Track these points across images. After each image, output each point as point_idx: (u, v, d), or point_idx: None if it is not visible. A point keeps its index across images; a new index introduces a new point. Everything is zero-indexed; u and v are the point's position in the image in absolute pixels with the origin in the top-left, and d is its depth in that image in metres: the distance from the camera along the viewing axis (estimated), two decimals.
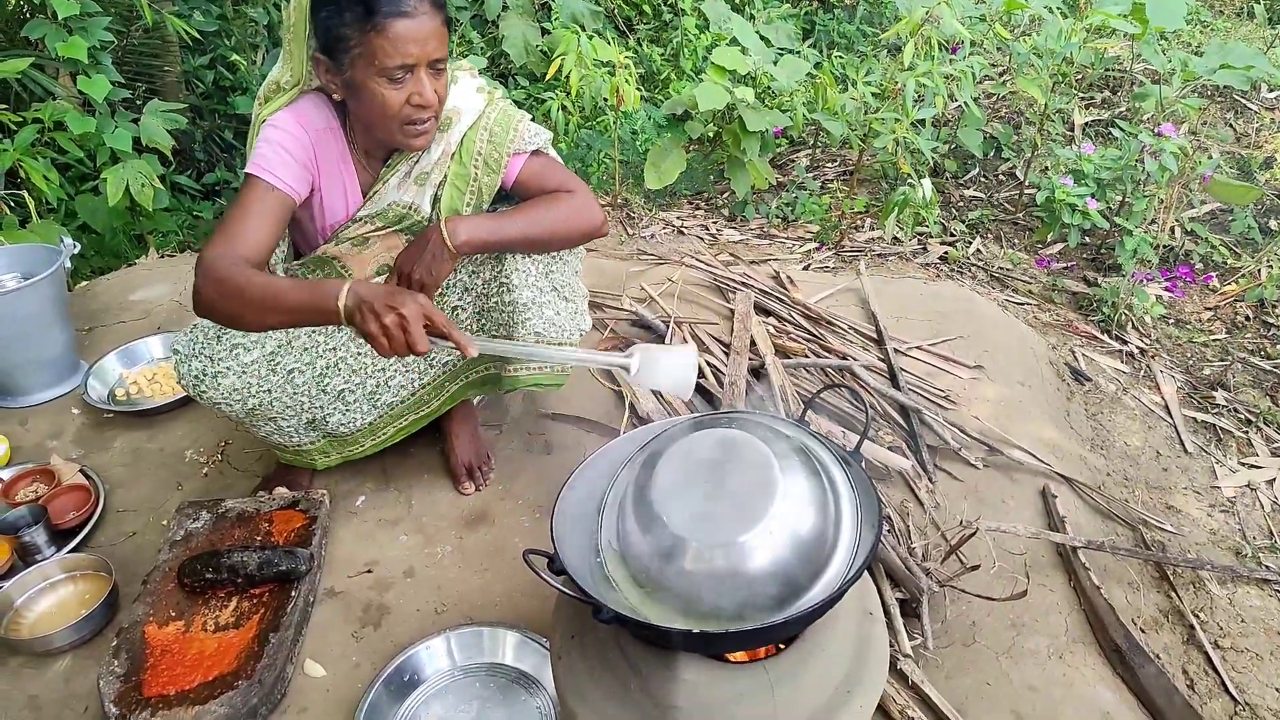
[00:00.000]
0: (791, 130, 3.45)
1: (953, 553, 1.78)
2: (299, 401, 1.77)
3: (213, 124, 4.30)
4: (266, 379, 1.70)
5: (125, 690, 1.51)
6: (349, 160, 1.71)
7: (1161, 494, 2.19)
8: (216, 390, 1.66)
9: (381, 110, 1.54)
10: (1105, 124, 3.78)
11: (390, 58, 1.48)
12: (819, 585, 1.16)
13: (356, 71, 1.51)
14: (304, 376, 1.75)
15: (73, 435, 2.24)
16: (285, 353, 1.72)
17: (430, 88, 1.54)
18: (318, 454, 1.90)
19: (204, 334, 1.67)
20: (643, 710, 1.22)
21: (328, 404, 1.81)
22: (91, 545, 1.92)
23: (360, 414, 1.86)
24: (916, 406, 2.18)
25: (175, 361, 1.68)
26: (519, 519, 1.94)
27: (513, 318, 1.79)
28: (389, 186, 1.71)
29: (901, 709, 1.51)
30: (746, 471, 1.19)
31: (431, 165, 1.70)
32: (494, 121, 1.72)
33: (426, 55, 1.51)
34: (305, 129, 1.63)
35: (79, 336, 2.53)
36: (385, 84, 1.51)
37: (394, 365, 1.85)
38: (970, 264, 3.10)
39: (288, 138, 1.60)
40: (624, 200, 3.42)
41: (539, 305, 1.80)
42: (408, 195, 1.72)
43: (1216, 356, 2.71)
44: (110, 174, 2.81)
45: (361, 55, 1.49)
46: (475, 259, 1.77)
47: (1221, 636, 1.81)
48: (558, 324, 1.85)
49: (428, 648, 1.62)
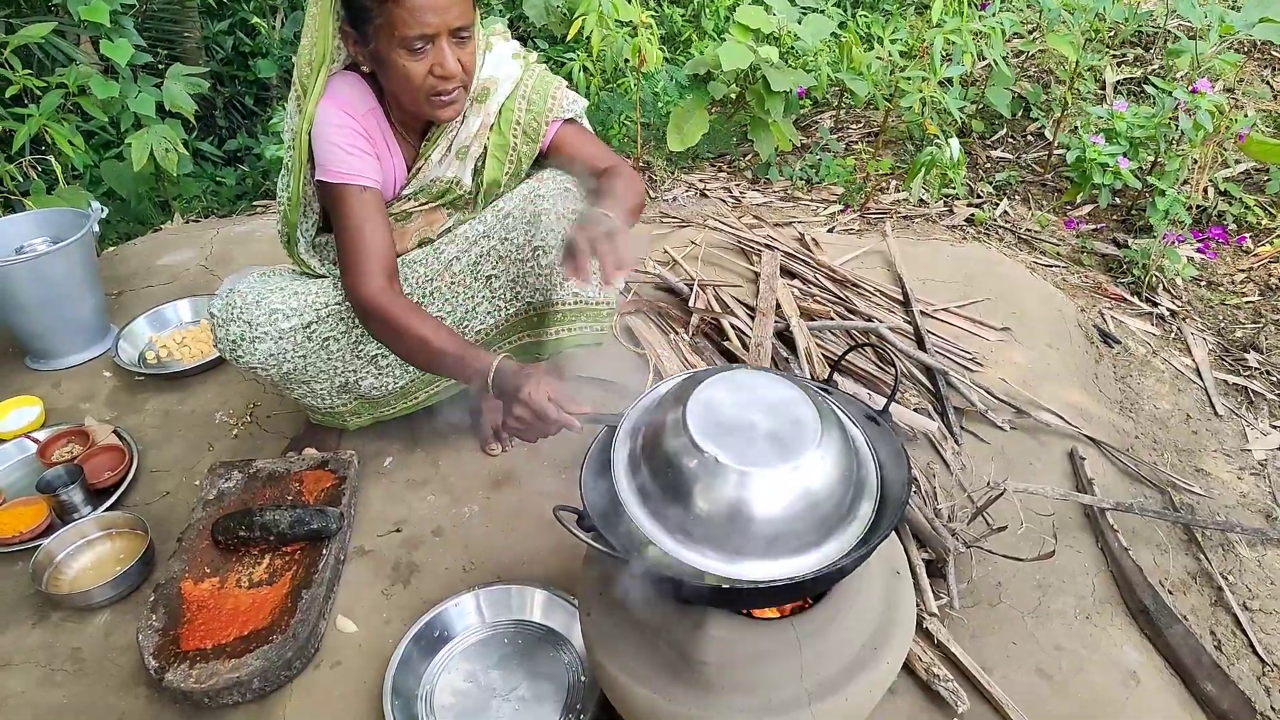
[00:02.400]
0: (816, 91, 3.39)
1: (979, 514, 1.78)
2: (333, 366, 1.77)
3: (233, 90, 4.31)
4: (302, 345, 1.71)
5: (164, 643, 1.54)
6: (391, 138, 1.70)
7: (1191, 457, 2.16)
8: (254, 355, 1.67)
9: (406, 82, 1.52)
10: (1138, 82, 3.69)
11: (409, 28, 1.44)
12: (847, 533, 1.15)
13: (379, 44, 1.49)
14: (339, 344, 1.75)
15: (105, 398, 2.28)
16: (322, 323, 1.72)
17: (453, 58, 1.51)
18: (350, 415, 1.91)
19: (241, 299, 1.67)
20: (671, 665, 1.24)
21: (361, 368, 1.81)
22: (126, 504, 1.96)
23: (393, 378, 1.86)
24: (943, 369, 2.16)
25: (212, 325, 1.69)
26: (545, 479, 1.95)
27: (550, 280, 1.79)
28: (431, 162, 1.71)
29: (927, 667, 1.52)
30: (781, 409, 1.18)
31: (470, 138, 1.69)
32: (531, 89, 1.71)
33: (447, 24, 1.47)
34: (352, 115, 1.62)
35: (108, 300, 2.56)
36: (406, 55, 1.48)
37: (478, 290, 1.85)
38: (997, 226, 3.05)
39: (346, 132, 1.60)
40: (646, 163, 3.39)
41: None
42: (450, 170, 1.72)
43: (1249, 319, 2.67)
44: (135, 139, 2.82)
45: (382, 26, 1.46)
46: (506, 224, 1.76)
47: (1250, 599, 1.80)
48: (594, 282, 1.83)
49: (457, 604, 1.65)
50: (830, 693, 1.20)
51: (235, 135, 4.16)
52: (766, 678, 1.21)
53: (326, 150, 1.59)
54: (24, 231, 2.38)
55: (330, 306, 1.72)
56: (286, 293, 1.69)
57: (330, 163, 1.59)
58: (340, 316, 1.73)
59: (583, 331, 1.91)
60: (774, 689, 1.21)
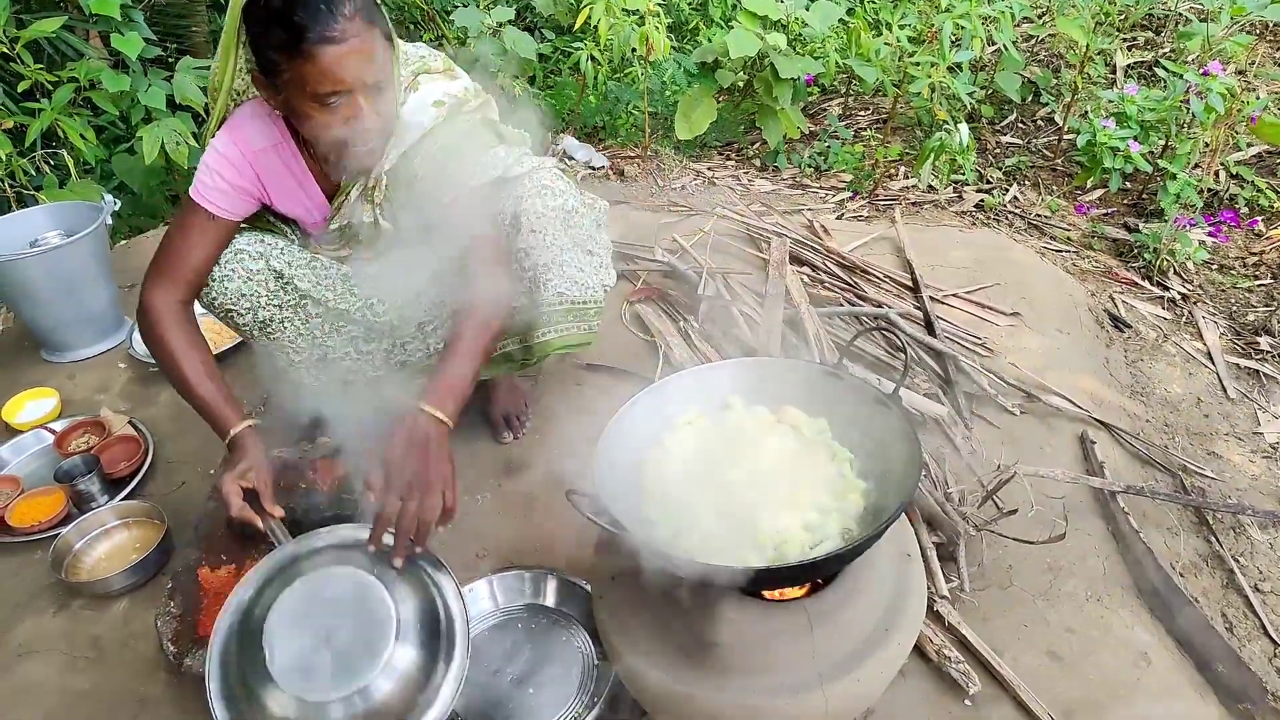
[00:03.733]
0: (824, 78, 3.39)
1: (989, 497, 1.78)
2: (310, 332, 1.76)
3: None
4: (276, 294, 1.69)
5: (182, 629, 1.56)
6: (305, 170, 1.63)
7: (1202, 440, 2.16)
8: (224, 294, 1.64)
9: (322, 133, 1.44)
10: (1148, 65, 3.67)
11: (321, 84, 1.37)
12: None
13: (291, 95, 1.41)
14: (319, 309, 1.74)
15: (120, 389, 2.30)
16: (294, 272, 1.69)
17: (368, 110, 1.42)
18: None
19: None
20: (684, 647, 1.25)
21: (340, 346, 1.80)
22: (143, 494, 1.98)
23: (371, 366, 1.84)
24: (953, 353, 2.16)
25: None
26: (556, 466, 1.96)
27: (535, 280, 1.76)
28: (350, 201, 1.65)
29: (938, 649, 1.52)
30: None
31: (374, 180, 1.62)
32: (440, 147, 1.58)
33: (360, 79, 1.39)
34: (243, 150, 1.57)
35: (122, 293, 2.58)
36: (319, 109, 1.40)
37: (413, 333, 1.83)
38: (1007, 211, 3.04)
39: (223, 163, 1.56)
40: (654, 151, 3.39)
41: (560, 264, 1.76)
42: (364, 214, 1.66)
43: (1261, 302, 2.66)
44: (145, 132, 2.83)
45: (292, 80, 1.38)
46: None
47: (1261, 580, 1.80)
48: (580, 280, 1.80)
49: (470, 590, 1.66)
50: (842, 674, 1.21)
51: None
52: (779, 659, 1.22)
53: (200, 172, 1.57)
54: (38, 225, 2.40)
55: (299, 258, 1.70)
56: (253, 237, 1.67)
57: (196, 183, 1.57)
58: (311, 266, 1.72)
59: (569, 332, 1.84)
60: (786, 670, 1.22)
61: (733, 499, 1.24)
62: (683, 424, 1.39)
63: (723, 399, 1.43)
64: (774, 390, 1.42)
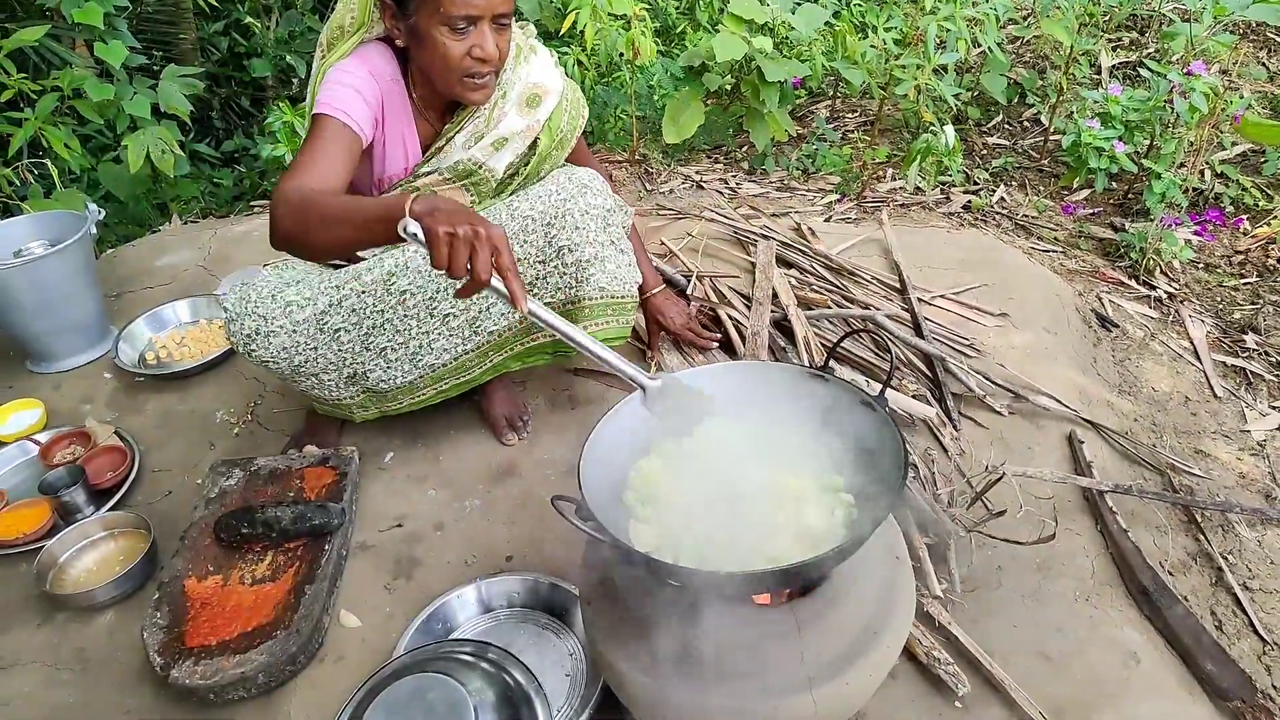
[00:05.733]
0: (811, 80, 3.39)
1: (978, 498, 1.78)
2: (342, 358, 1.77)
3: (229, 91, 4.30)
4: (314, 337, 1.71)
5: (168, 641, 1.55)
6: (409, 114, 1.73)
7: (1190, 439, 2.17)
8: (267, 350, 1.67)
9: (444, 61, 1.55)
10: (1133, 66, 3.69)
11: (456, 7, 1.49)
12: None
13: (421, 18, 1.52)
14: (349, 335, 1.75)
15: (105, 399, 2.29)
16: (335, 312, 1.71)
17: (493, 41, 1.56)
18: (356, 407, 1.90)
19: (256, 293, 1.67)
20: (672, 652, 1.24)
21: (369, 360, 1.80)
22: (129, 504, 1.97)
23: (401, 372, 1.84)
24: (941, 355, 2.17)
25: (226, 319, 1.68)
26: (545, 472, 1.96)
27: (577, 275, 1.80)
28: (455, 144, 1.74)
29: (927, 651, 1.52)
30: None
31: (513, 134, 1.76)
32: (571, 102, 1.83)
33: (491, 8, 1.53)
34: (375, 77, 1.64)
35: (108, 302, 2.57)
36: (448, 33, 1.52)
37: (439, 329, 1.81)
38: (994, 212, 3.05)
39: (359, 81, 1.61)
40: (642, 155, 3.39)
41: (601, 260, 1.81)
42: (480, 154, 1.75)
43: (1247, 300, 2.67)
44: (130, 141, 2.82)
45: (427, 2, 1.50)
46: (526, 227, 1.76)
47: (1250, 578, 1.80)
48: (620, 276, 1.86)
49: (459, 596, 1.65)
50: (830, 677, 1.21)
51: (232, 136, 4.16)
52: (766, 663, 1.22)
53: (329, 88, 1.59)
54: (22, 235, 2.38)
55: (344, 292, 1.71)
56: (301, 285, 1.69)
57: (326, 96, 1.57)
58: (353, 307, 1.72)
59: (608, 326, 1.90)
60: (774, 674, 1.21)
61: (719, 504, 1.24)
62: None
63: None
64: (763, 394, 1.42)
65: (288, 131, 2.98)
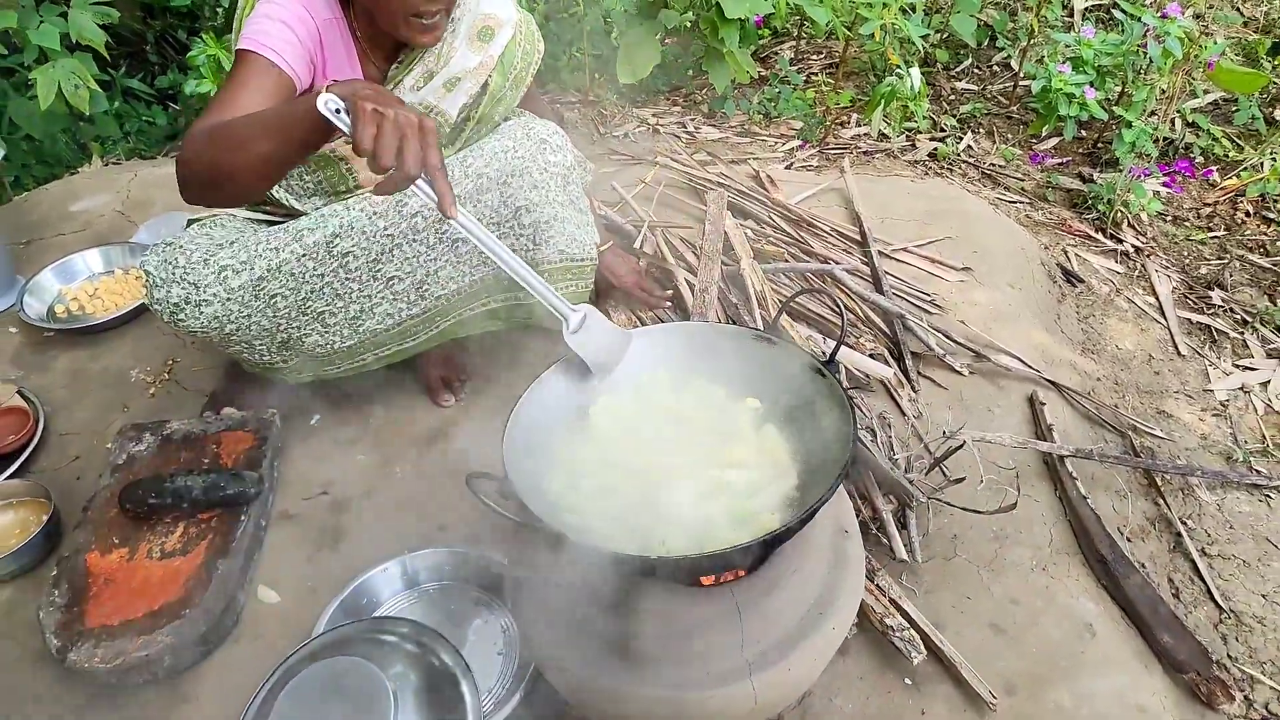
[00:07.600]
0: (774, 19, 3.23)
1: (936, 465, 1.71)
2: (276, 323, 1.59)
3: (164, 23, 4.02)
4: (249, 304, 1.52)
5: (67, 620, 1.43)
6: (353, 55, 1.57)
7: (1153, 398, 2.11)
8: (197, 320, 1.48)
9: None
10: (1106, 9, 3.56)
11: None
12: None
13: None
14: (286, 301, 1.57)
15: (9, 356, 2.12)
16: (273, 278, 1.53)
17: None
18: (290, 371, 1.74)
19: (185, 257, 1.47)
20: (604, 636, 1.16)
21: (305, 324, 1.63)
22: (31, 471, 1.83)
23: (340, 337, 1.68)
24: (900, 312, 2.07)
25: (148, 285, 1.49)
26: (480, 436, 1.84)
27: (535, 238, 1.70)
28: (402, 87, 1.59)
29: (881, 617, 1.45)
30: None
31: (465, 73, 1.61)
32: (526, 37, 1.69)
33: None
34: (311, 14, 1.47)
35: (16, 250, 2.39)
36: None
37: (382, 292, 1.66)
38: (961, 161, 2.95)
39: (292, 17, 1.44)
40: (595, 97, 3.22)
41: (560, 221, 1.71)
42: (432, 97, 1.61)
43: (1214, 255, 2.60)
44: (40, 74, 2.59)
45: None
46: (479, 185, 1.62)
47: (1209, 544, 1.76)
48: (579, 238, 1.76)
49: (385, 570, 1.55)
50: (772, 663, 1.13)
51: (167, 71, 3.90)
52: (705, 649, 1.14)
53: (256, 22, 1.42)
54: None
55: (283, 255, 1.53)
56: (236, 247, 1.50)
57: (252, 33, 1.41)
58: (291, 272, 1.55)
59: (567, 290, 1.79)
60: (713, 660, 1.13)
61: (654, 481, 1.14)
62: (604, 399, 1.28)
63: (651, 369, 1.32)
64: (705, 358, 1.32)
65: (213, 66, 2.76)
